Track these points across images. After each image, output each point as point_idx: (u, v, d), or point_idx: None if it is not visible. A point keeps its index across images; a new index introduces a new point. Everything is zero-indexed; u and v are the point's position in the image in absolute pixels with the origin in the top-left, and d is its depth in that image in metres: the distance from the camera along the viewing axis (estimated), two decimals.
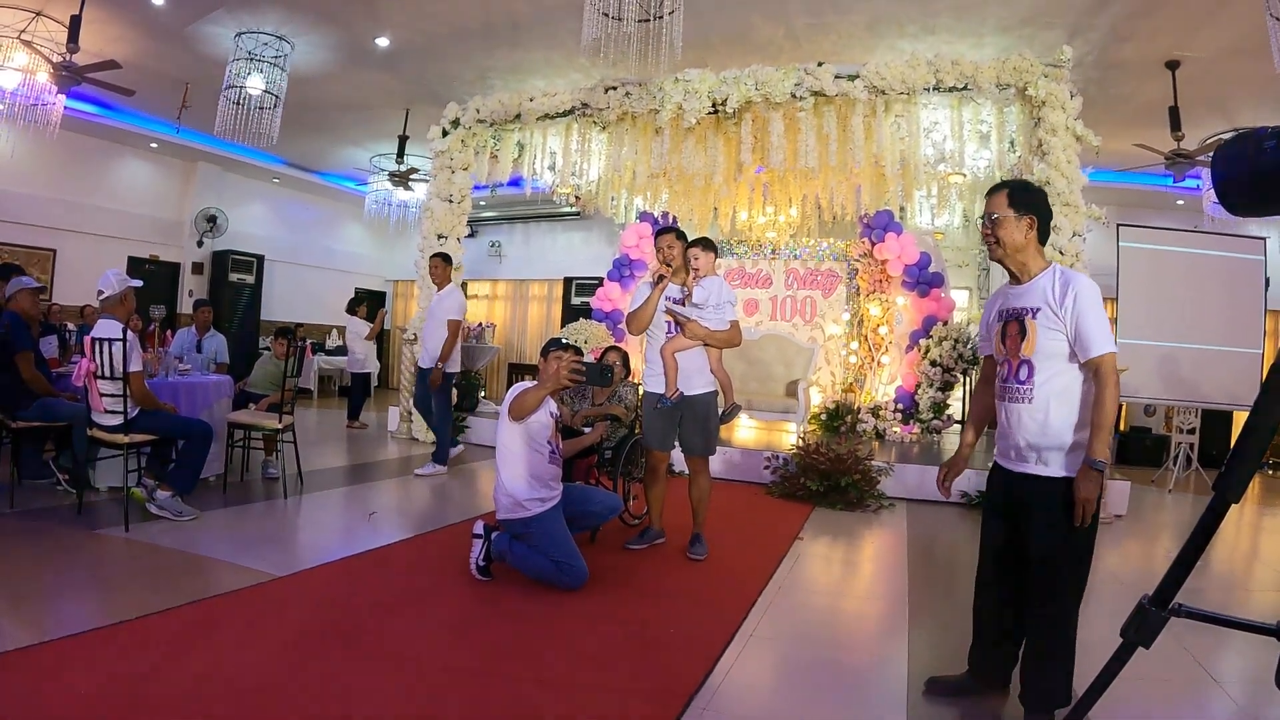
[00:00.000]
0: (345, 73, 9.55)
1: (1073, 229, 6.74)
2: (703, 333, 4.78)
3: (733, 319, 4.89)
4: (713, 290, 4.81)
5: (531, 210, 15.31)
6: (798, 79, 7.35)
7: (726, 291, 4.88)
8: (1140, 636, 1.35)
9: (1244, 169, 1.28)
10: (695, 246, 4.86)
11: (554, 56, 8.88)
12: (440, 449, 7.45)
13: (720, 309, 4.82)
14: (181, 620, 3.35)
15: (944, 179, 9.66)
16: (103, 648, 3.02)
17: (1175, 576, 1.31)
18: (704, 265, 4.85)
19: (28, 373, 5.32)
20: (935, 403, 9.44)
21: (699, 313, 4.78)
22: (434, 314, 7.45)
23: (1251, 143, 1.27)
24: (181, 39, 8.61)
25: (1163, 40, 7.35)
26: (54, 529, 4.66)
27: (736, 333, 4.93)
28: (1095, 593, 4.95)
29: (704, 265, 4.85)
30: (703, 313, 4.79)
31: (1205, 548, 1.30)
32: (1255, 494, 8.67)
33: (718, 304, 4.81)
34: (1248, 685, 3.29)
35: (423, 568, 4.49)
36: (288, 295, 14.95)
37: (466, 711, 2.72)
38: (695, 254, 4.83)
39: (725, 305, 4.83)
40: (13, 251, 10.67)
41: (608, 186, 10.51)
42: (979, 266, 12.95)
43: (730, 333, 4.88)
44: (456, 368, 7.60)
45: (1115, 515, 6.72)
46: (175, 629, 3.25)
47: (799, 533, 5.70)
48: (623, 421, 5.53)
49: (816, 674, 3.31)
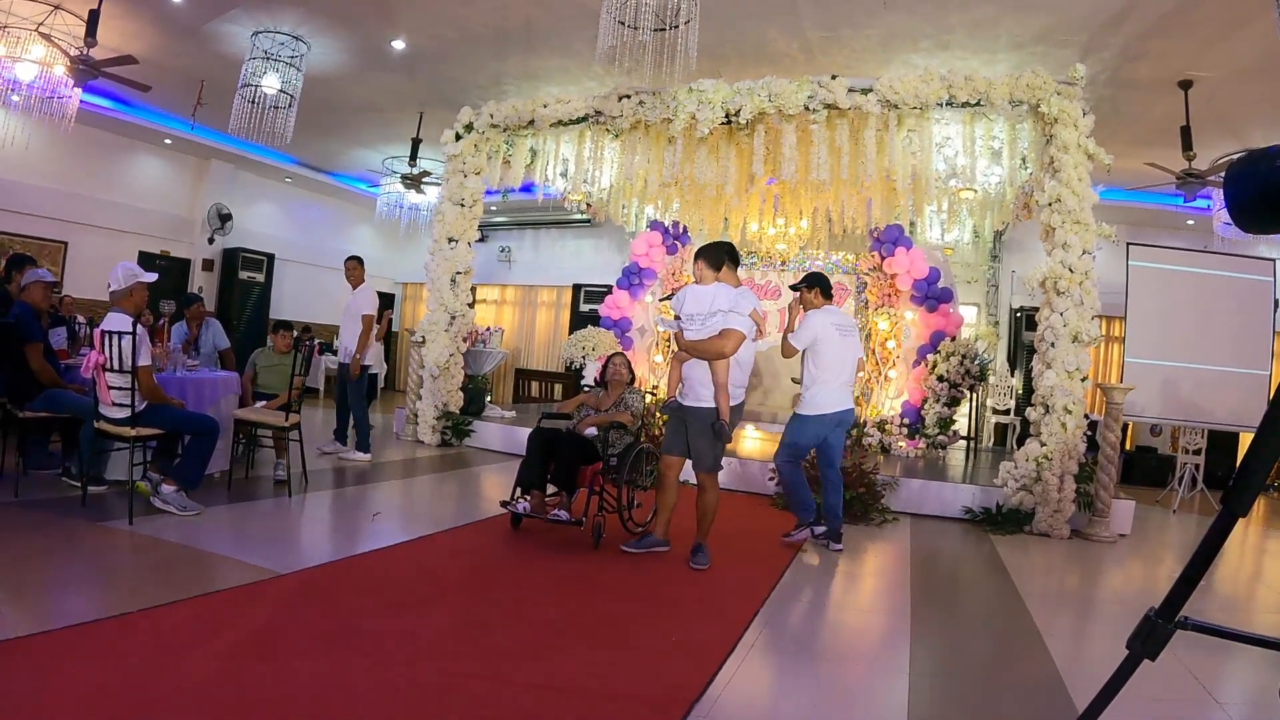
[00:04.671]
0: (360, 74, 9.60)
1: (1083, 247, 6.73)
2: (683, 343, 4.74)
3: (728, 327, 4.60)
4: (704, 299, 4.75)
5: (542, 216, 15.35)
6: (811, 91, 7.36)
7: (723, 299, 4.69)
8: (1147, 649, 1.35)
9: (1256, 186, 1.28)
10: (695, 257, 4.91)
11: (568, 64, 8.91)
12: (362, 438, 7.88)
13: (709, 318, 4.67)
14: (183, 614, 3.35)
15: (955, 194, 9.67)
16: (104, 639, 3.02)
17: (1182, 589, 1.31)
18: (695, 273, 4.86)
19: (36, 363, 5.34)
20: (941, 418, 9.43)
21: (686, 324, 4.76)
22: (350, 311, 8.03)
23: (1264, 160, 1.27)
24: (198, 37, 8.67)
25: (1176, 60, 7.35)
26: (58, 520, 4.67)
27: (721, 342, 4.61)
28: (1098, 611, 4.95)
29: (695, 273, 4.86)
30: (688, 324, 4.76)
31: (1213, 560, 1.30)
32: (1259, 515, 8.63)
33: (708, 313, 4.69)
34: (1249, 706, 3.27)
35: (426, 569, 4.49)
36: (297, 294, 15.01)
37: (465, 715, 2.72)
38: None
39: (720, 314, 4.64)
40: (25, 243, 10.72)
41: (619, 194, 10.54)
42: (988, 283, 12.93)
43: (712, 342, 4.62)
44: (373, 362, 8.15)
45: (1119, 534, 6.69)
46: (177, 623, 3.26)
47: (802, 545, 5.69)
48: (628, 429, 5.53)
49: (818, 686, 3.30)
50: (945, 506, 7.11)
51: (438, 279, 9.30)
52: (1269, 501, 9.59)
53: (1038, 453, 6.68)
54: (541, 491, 5.31)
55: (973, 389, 9.60)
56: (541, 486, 5.29)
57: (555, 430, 5.42)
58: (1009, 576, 5.24)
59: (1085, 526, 6.64)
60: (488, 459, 8.64)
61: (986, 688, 3.41)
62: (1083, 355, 6.72)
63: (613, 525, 5.30)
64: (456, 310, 9.29)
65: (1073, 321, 6.68)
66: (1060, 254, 6.74)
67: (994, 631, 4.28)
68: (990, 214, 10.21)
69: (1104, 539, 6.52)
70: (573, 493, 5.21)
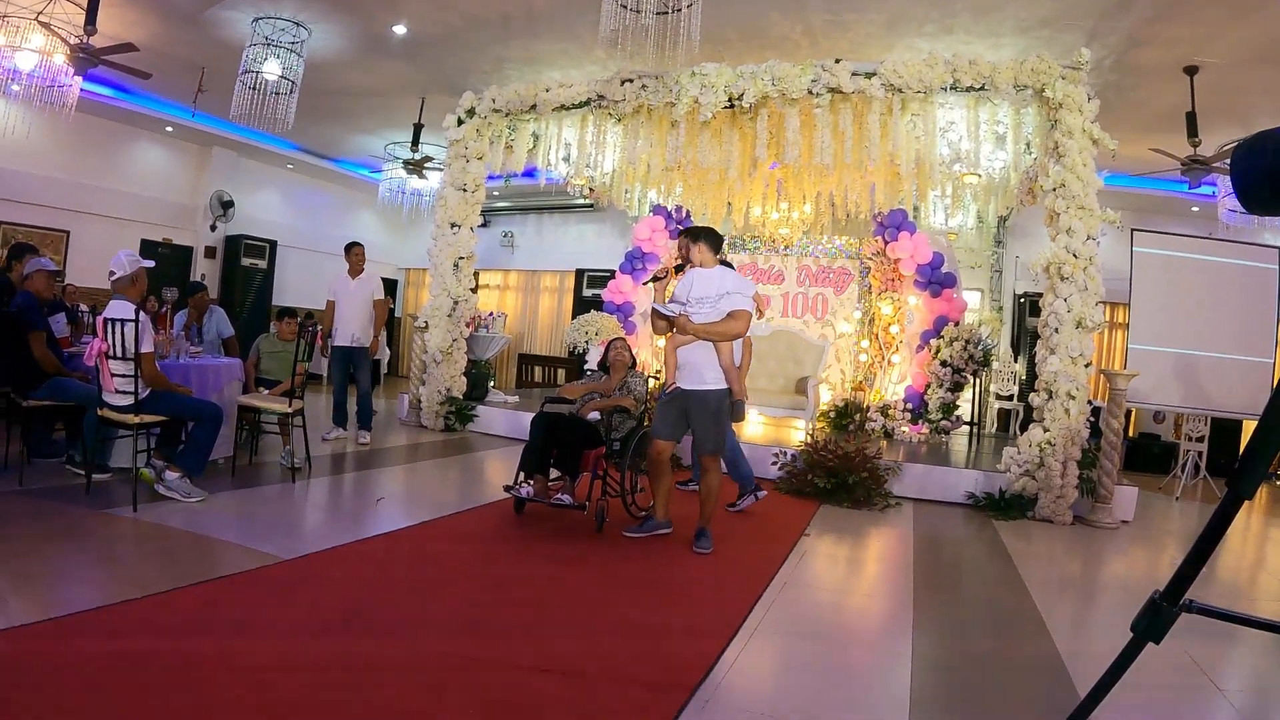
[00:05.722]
0: (362, 60, 9.56)
1: (1087, 232, 6.71)
2: (692, 328, 4.71)
3: (737, 308, 4.68)
4: (712, 282, 4.76)
5: (545, 201, 15.31)
6: (814, 75, 7.32)
7: (730, 282, 4.77)
8: (1151, 632, 1.34)
9: (1263, 166, 1.27)
10: (685, 237, 4.87)
11: (570, 48, 8.87)
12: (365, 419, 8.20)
13: (719, 300, 4.70)
14: (188, 601, 3.37)
15: (959, 179, 9.62)
16: (108, 625, 3.04)
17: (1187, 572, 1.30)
18: (696, 257, 4.84)
19: (39, 351, 5.35)
20: (945, 403, 9.42)
21: (695, 307, 4.73)
22: (357, 296, 8.15)
23: (1271, 140, 1.26)
24: (199, 23, 8.62)
25: (1182, 46, 7.30)
26: (62, 508, 4.68)
27: (734, 324, 4.71)
28: (1100, 597, 4.95)
29: (696, 257, 4.84)
30: (697, 307, 4.73)
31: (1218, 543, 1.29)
32: (1261, 503, 8.62)
33: (717, 295, 4.71)
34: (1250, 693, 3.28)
35: (429, 554, 4.50)
36: (300, 281, 14.97)
37: (468, 697, 2.73)
38: (686, 245, 4.85)
39: (727, 296, 4.69)
40: (27, 232, 10.72)
41: (622, 179, 10.50)
42: (992, 268, 12.89)
43: (724, 324, 4.69)
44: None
45: (1122, 521, 6.69)
46: (181, 609, 3.27)
47: (805, 529, 5.70)
48: (631, 413, 5.53)
49: (820, 670, 3.32)
50: (948, 492, 7.12)
51: (440, 264, 9.30)
52: (1270, 489, 9.58)
53: (1041, 438, 6.68)
54: (545, 476, 5.33)
55: (976, 374, 9.58)
56: (545, 471, 5.31)
57: (558, 414, 5.43)
58: (1012, 562, 5.24)
59: (1088, 512, 6.64)
60: (491, 444, 8.65)
61: (988, 672, 3.41)
62: (1086, 341, 6.71)
63: (616, 509, 5.32)
64: (459, 295, 9.29)
65: (1076, 307, 6.66)
66: (1064, 239, 6.72)
67: (996, 616, 4.29)
68: (994, 199, 10.16)
69: (1106, 525, 6.52)
70: (576, 477, 5.23)
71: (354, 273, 8.19)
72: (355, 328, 8.05)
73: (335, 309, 8.14)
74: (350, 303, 8.12)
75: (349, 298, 8.12)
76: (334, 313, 8.14)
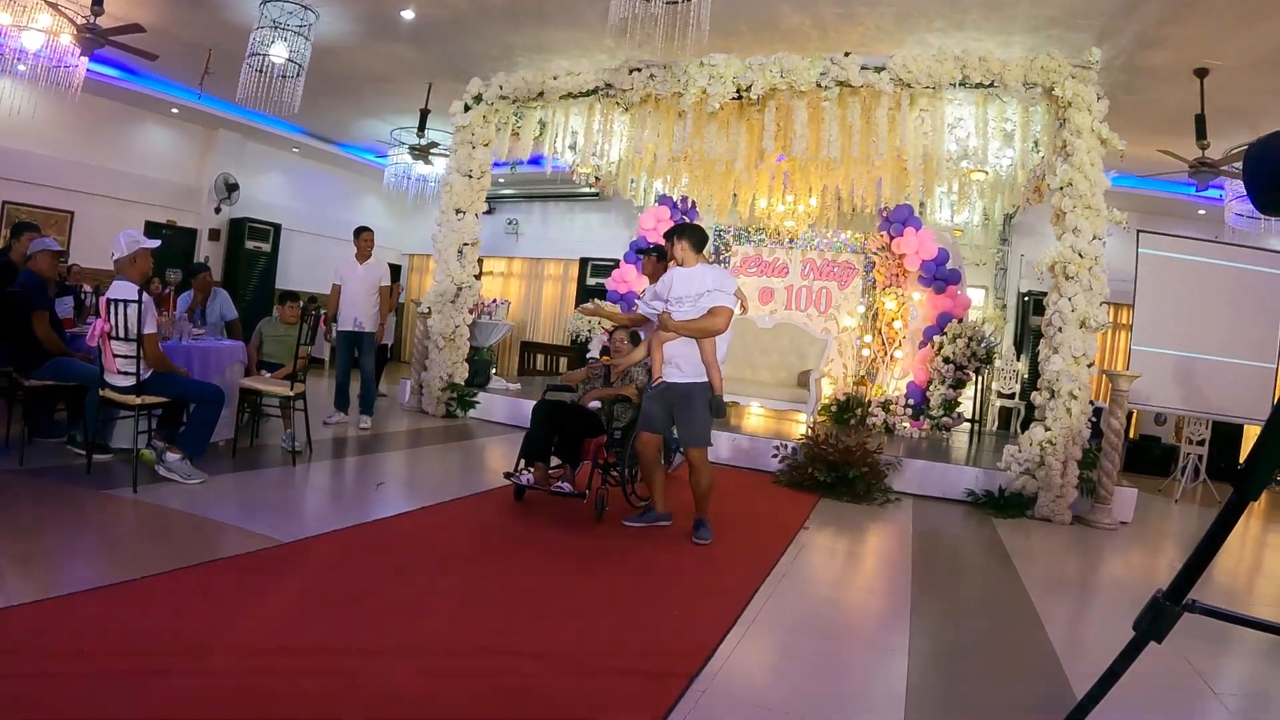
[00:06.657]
0: (369, 44, 9.51)
1: (1093, 232, 6.69)
2: (673, 325, 4.76)
3: (717, 305, 4.71)
4: (693, 281, 4.78)
5: (550, 189, 15.27)
6: (823, 68, 7.30)
7: (711, 279, 4.79)
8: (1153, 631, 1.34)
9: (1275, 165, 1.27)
10: (668, 236, 4.89)
11: (579, 36, 8.82)
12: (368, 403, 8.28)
13: (700, 299, 4.73)
14: (186, 581, 3.38)
15: (966, 176, 9.61)
16: (107, 605, 3.04)
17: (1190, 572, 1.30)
18: (678, 255, 4.86)
19: (41, 331, 5.34)
20: (946, 400, 9.41)
21: (675, 306, 4.77)
22: (365, 281, 8.18)
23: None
24: (206, 5, 8.59)
25: (1193, 48, 7.25)
26: (62, 488, 4.69)
27: (714, 320, 4.72)
28: (1097, 597, 4.96)
29: (678, 255, 4.86)
30: (678, 305, 4.77)
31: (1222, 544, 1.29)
32: (1261, 508, 8.61)
33: (698, 293, 4.74)
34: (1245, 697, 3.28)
35: (428, 540, 4.51)
36: (304, 265, 14.95)
37: (466, 684, 2.74)
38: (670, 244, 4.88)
39: (708, 294, 4.73)
40: (31, 212, 10.69)
41: (628, 168, 10.50)
42: (997, 266, 12.86)
43: (705, 321, 4.71)
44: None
45: (1121, 522, 6.69)
46: (179, 589, 3.28)
47: (804, 522, 5.70)
48: (633, 402, 5.52)
49: (817, 663, 3.32)
50: (948, 488, 7.12)
51: (445, 250, 9.29)
52: (1270, 495, 9.57)
53: (1042, 437, 6.67)
54: (545, 464, 5.34)
55: (978, 372, 9.57)
56: (545, 459, 5.32)
57: (560, 402, 5.43)
58: (1010, 560, 5.25)
59: (1087, 512, 6.65)
60: (492, 431, 8.66)
61: (984, 669, 3.42)
62: (1090, 341, 6.70)
63: (615, 498, 5.33)
64: (463, 282, 9.29)
65: (1081, 307, 6.65)
66: (1070, 238, 6.70)
67: (993, 614, 4.29)
68: (1001, 196, 10.14)
69: (1105, 526, 6.52)
70: (576, 465, 5.24)
71: (362, 257, 8.19)
72: (359, 312, 8.06)
73: (340, 292, 8.13)
74: (357, 287, 8.11)
75: (356, 282, 8.11)
76: (339, 296, 8.13)
